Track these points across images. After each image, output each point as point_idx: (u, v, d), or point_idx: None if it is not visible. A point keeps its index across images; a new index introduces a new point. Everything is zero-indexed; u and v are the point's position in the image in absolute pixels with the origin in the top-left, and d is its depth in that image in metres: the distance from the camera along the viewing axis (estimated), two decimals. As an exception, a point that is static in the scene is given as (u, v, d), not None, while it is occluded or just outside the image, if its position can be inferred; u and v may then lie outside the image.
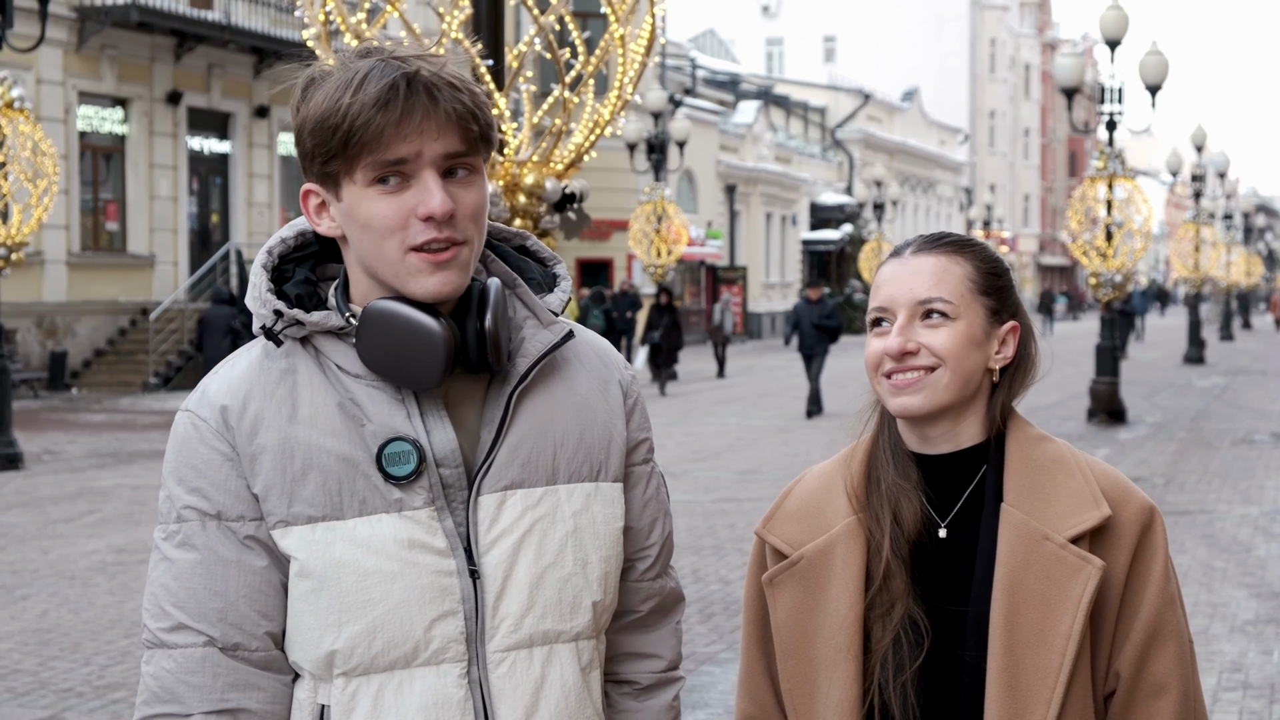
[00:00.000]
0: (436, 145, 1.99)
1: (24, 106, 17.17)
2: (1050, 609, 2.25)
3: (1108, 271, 22.02)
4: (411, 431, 2.04)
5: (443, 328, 2.01)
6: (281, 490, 2.01)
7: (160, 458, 15.36)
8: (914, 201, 72.19)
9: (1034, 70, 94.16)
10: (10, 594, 10.13)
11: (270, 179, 33.59)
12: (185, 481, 2.04)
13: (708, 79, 57.01)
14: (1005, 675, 2.24)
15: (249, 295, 2.10)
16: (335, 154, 1.99)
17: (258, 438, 2.03)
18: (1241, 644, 8.71)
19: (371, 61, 1.99)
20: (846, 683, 2.31)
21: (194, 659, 2.01)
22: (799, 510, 2.44)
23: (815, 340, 23.23)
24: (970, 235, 2.51)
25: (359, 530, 2.01)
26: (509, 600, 2.07)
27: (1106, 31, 21.82)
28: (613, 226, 39.88)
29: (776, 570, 2.41)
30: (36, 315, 27.66)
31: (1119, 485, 2.34)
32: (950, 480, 2.36)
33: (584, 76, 7.89)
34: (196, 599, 2.01)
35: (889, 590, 2.31)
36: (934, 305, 2.32)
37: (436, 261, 2.01)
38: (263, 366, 2.07)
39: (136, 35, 29.49)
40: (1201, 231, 41.31)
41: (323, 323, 2.05)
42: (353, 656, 2.02)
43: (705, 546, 11.77)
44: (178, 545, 2.03)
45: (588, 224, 8.07)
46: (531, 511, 2.10)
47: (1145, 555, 2.31)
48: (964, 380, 2.32)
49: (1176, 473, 16.25)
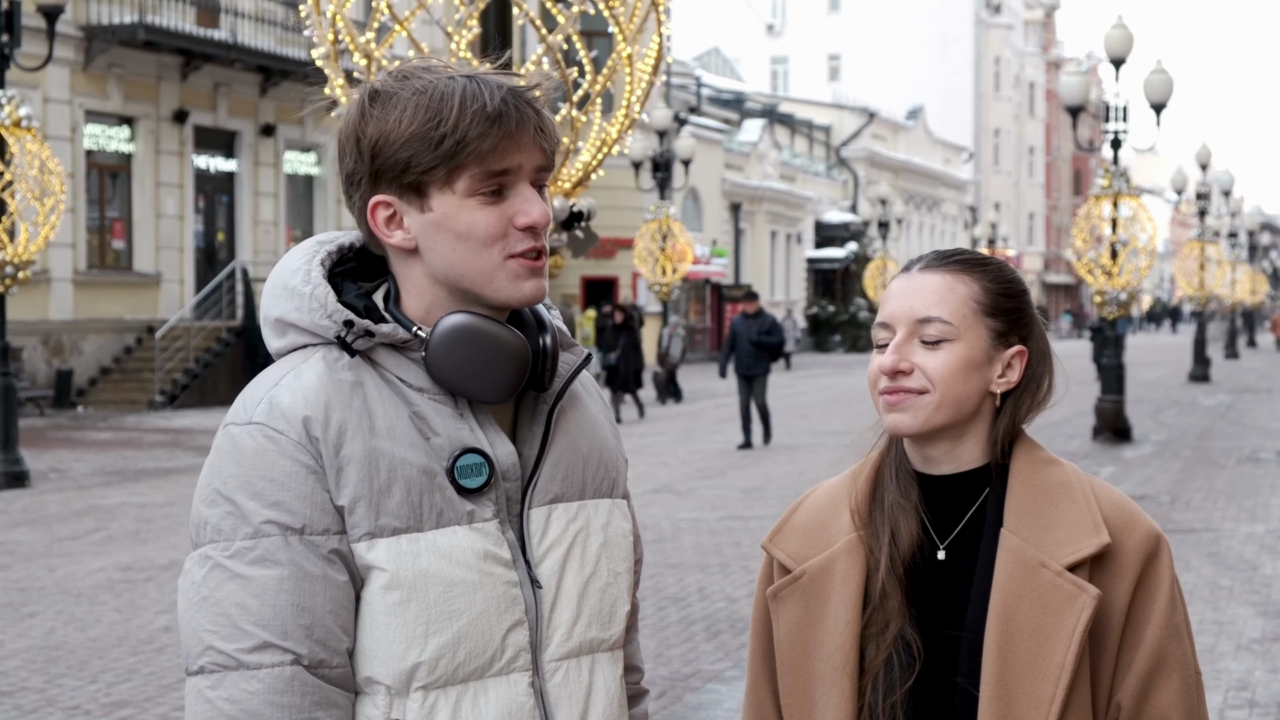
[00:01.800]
0: (534, 159, 2.06)
1: (31, 125, 17.23)
2: (1045, 637, 2.21)
3: (1113, 289, 22.03)
4: (480, 444, 2.06)
5: (524, 342, 2.06)
6: (369, 502, 2.01)
7: (166, 475, 15.31)
8: (919, 220, 72.24)
9: (1039, 89, 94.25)
10: (17, 611, 10.14)
11: (276, 197, 33.65)
12: (262, 496, 1.99)
13: (713, 97, 57.10)
14: (997, 704, 2.21)
15: (296, 305, 2.07)
16: (438, 164, 2.01)
17: (344, 449, 2.01)
18: (1248, 662, 8.70)
19: (462, 78, 2.03)
20: (842, 702, 2.30)
21: (282, 679, 1.96)
22: (805, 526, 2.44)
23: (754, 360, 20.79)
24: (988, 254, 2.46)
25: (440, 542, 2.02)
26: (561, 610, 2.11)
27: (1111, 50, 21.84)
28: (618, 245, 39.91)
29: (780, 585, 2.40)
30: (43, 333, 27.70)
31: (1124, 512, 2.30)
32: (951, 502, 2.34)
33: (591, 95, 7.91)
34: (282, 616, 1.97)
35: (885, 610, 2.29)
36: (930, 326, 2.29)
37: (534, 268, 2.07)
38: (333, 378, 2.04)
39: (143, 54, 29.58)
40: (1206, 249, 41.31)
41: (391, 335, 2.06)
42: (437, 668, 2.02)
43: (711, 564, 11.77)
44: (253, 562, 1.98)
45: (595, 242, 8.10)
46: (572, 524, 2.14)
47: (1149, 584, 2.27)
48: (956, 404, 2.29)
49: (1182, 491, 16.24)
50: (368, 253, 2.17)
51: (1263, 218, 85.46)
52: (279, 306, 2.10)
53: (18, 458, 17.11)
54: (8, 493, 16.40)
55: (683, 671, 8.40)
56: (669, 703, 7.74)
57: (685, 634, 9.33)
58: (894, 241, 50.61)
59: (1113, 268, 22.02)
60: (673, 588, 10.80)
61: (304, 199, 35.19)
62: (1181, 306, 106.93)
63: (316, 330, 2.06)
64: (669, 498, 15.75)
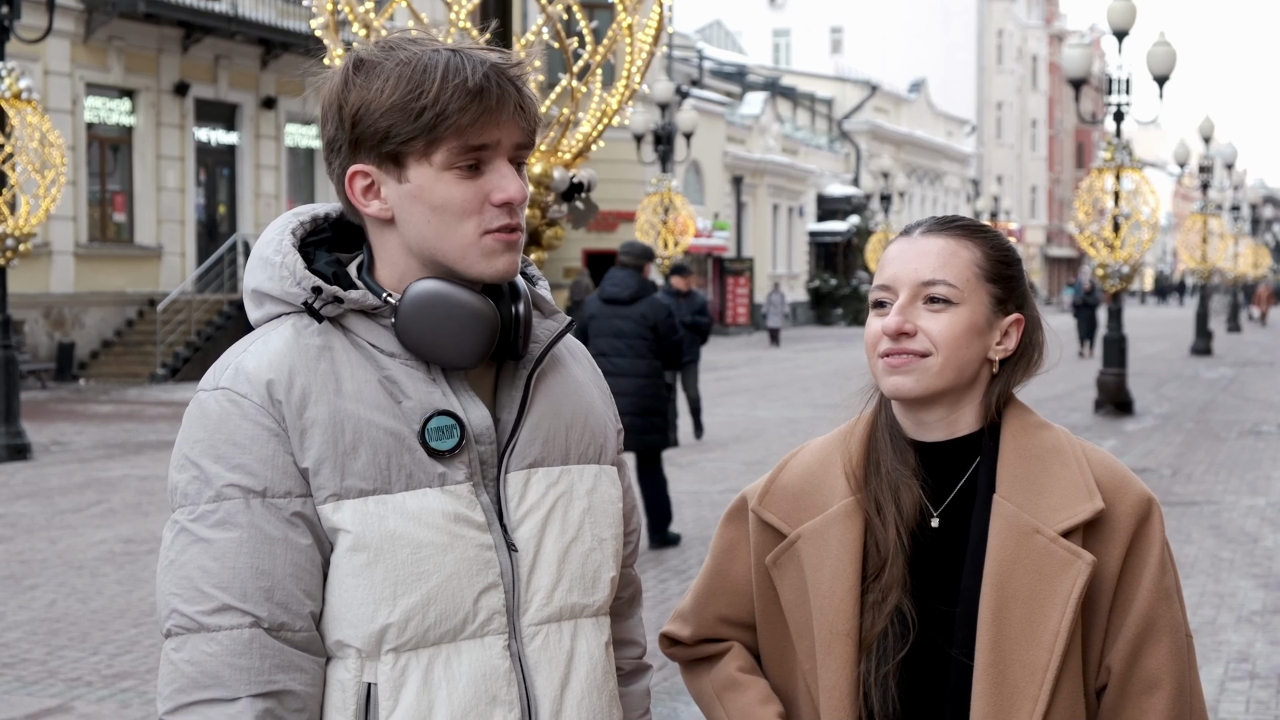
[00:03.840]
0: (513, 136, 2.06)
1: (31, 98, 17.18)
2: (1039, 604, 2.20)
3: (1115, 263, 22.01)
4: (451, 407, 2.07)
5: (493, 308, 2.07)
6: (334, 464, 2.01)
7: (168, 448, 15.30)
8: (921, 193, 72.15)
9: (1041, 61, 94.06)
10: (19, 584, 10.15)
11: (277, 170, 33.61)
12: (225, 459, 2.00)
13: (715, 70, 56.98)
14: (992, 671, 2.20)
15: (269, 274, 2.09)
16: (416, 135, 2.02)
17: (307, 411, 2.02)
18: (1249, 634, 8.71)
19: (447, 52, 2.04)
20: (843, 665, 2.28)
21: (240, 641, 1.97)
22: (795, 487, 2.40)
23: (687, 343, 16.50)
24: (983, 222, 2.44)
25: (408, 503, 2.03)
26: (540, 574, 2.11)
27: (1114, 22, 21.79)
28: (619, 218, 39.86)
29: (778, 552, 2.38)
30: (44, 306, 27.70)
31: (1116, 475, 2.29)
32: (945, 469, 2.32)
33: (591, 66, 7.88)
34: (241, 579, 1.98)
35: (885, 577, 2.27)
36: (937, 287, 2.27)
37: (508, 243, 2.07)
38: (299, 343, 2.05)
39: (143, 26, 29.51)
40: (1209, 223, 41.25)
41: (361, 301, 2.07)
42: (407, 629, 2.02)
43: (712, 537, 11.76)
44: (215, 525, 1.99)
45: (595, 213, 8.07)
46: (553, 489, 2.14)
47: (1140, 548, 2.25)
48: (958, 369, 2.27)
49: (1184, 464, 16.24)
50: (345, 225, 2.19)
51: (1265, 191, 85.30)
52: (254, 277, 2.12)
53: (19, 430, 17.12)
54: (9, 465, 16.42)
55: (683, 643, 8.40)
56: (669, 674, 7.74)
57: (686, 606, 9.34)
58: (896, 215, 50.53)
59: (1115, 241, 21.99)
60: (675, 560, 10.81)
61: (305, 172, 35.14)
62: (1185, 280, 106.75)
63: (286, 298, 2.08)
64: (671, 470, 15.72)
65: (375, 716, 2.03)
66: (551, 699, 2.11)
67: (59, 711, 7.29)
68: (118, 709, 7.33)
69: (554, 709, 2.11)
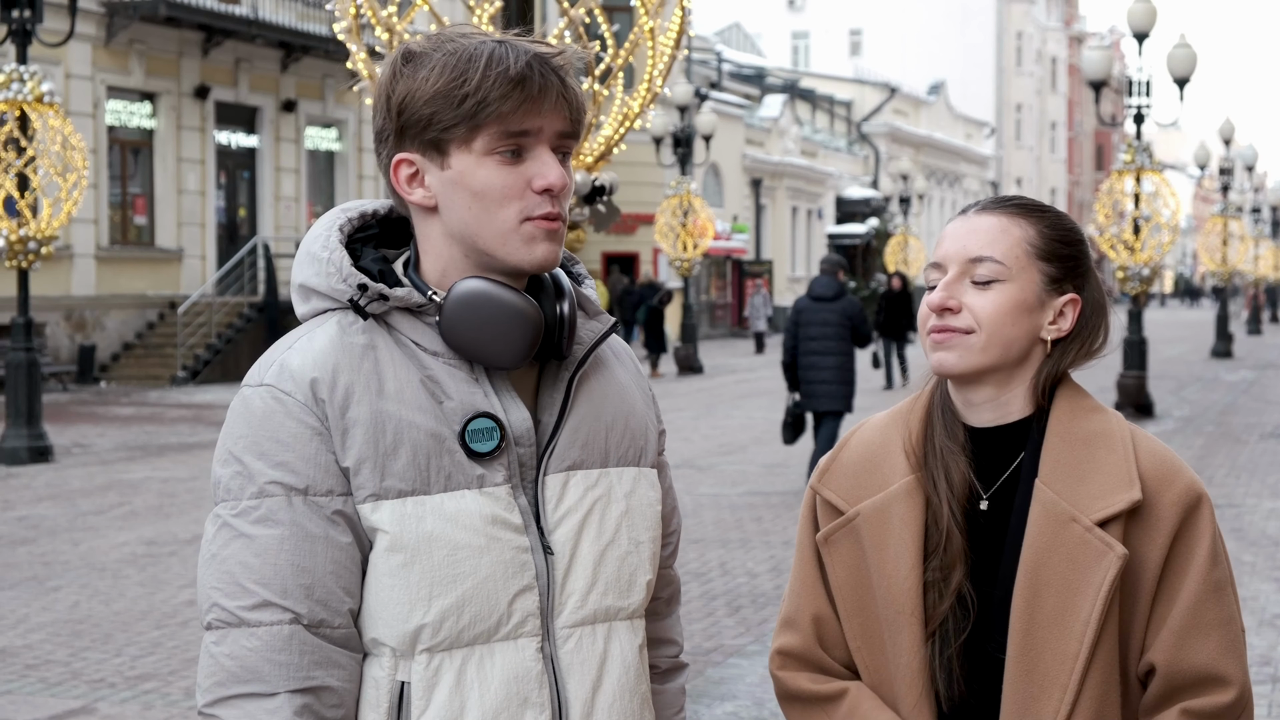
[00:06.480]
0: (556, 124, 2.07)
1: (53, 101, 17.24)
2: (1072, 593, 2.18)
3: (1135, 265, 21.96)
4: (492, 409, 2.07)
5: (537, 309, 2.07)
6: (374, 464, 2.02)
7: (189, 450, 15.39)
8: (940, 195, 72.03)
9: (1061, 63, 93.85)
10: (41, 585, 10.19)
11: (298, 173, 33.67)
12: (268, 456, 2.02)
13: (734, 73, 56.95)
14: (1023, 659, 2.19)
15: (316, 270, 2.11)
16: (459, 122, 2.03)
17: (350, 411, 2.03)
18: (1270, 637, 8.69)
19: (493, 43, 2.06)
20: (912, 646, 2.26)
21: (280, 636, 1.99)
22: (855, 465, 2.38)
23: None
24: (1044, 203, 2.42)
25: (446, 505, 2.04)
26: (575, 577, 2.12)
27: (1134, 24, 21.74)
28: (639, 220, 39.88)
29: (832, 529, 2.35)
30: (65, 309, 27.79)
31: (1164, 464, 2.25)
32: (996, 454, 2.30)
33: (613, 69, 7.90)
34: (282, 575, 2.00)
35: (947, 553, 2.26)
36: (982, 264, 2.26)
37: (549, 231, 2.07)
38: (344, 341, 2.06)
39: (164, 30, 29.60)
40: (1229, 225, 41.13)
41: (406, 299, 2.07)
42: (441, 630, 2.03)
43: (732, 540, 11.78)
44: (257, 521, 2.01)
45: (617, 216, 8.10)
46: (591, 492, 2.14)
47: (1187, 539, 2.21)
48: (1003, 346, 2.25)
49: (1204, 466, 16.20)
50: (392, 221, 2.21)
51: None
52: (301, 272, 2.13)
53: (41, 432, 17.18)
54: (31, 467, 16.47)
55: (704, 646, 8.41)
56: (691, 676, 7.75)
57: (707, 609, 9.35)
58: (915, 217, 50.45)
59: (1135, 243, 21.94)
60: (694, 563, 10.82)
61: (325, 175, 35.20)
62: (1205, 283, 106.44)
63: (333, 294, 2.09)
64: (691, 473, 15.76)
65: (408, 715, 2.05)
66: (583, 702, 2.11)
67: (82, 713, 7.32)
68: (140, 710, 7.35)
69: (585, 711, 2.12)
